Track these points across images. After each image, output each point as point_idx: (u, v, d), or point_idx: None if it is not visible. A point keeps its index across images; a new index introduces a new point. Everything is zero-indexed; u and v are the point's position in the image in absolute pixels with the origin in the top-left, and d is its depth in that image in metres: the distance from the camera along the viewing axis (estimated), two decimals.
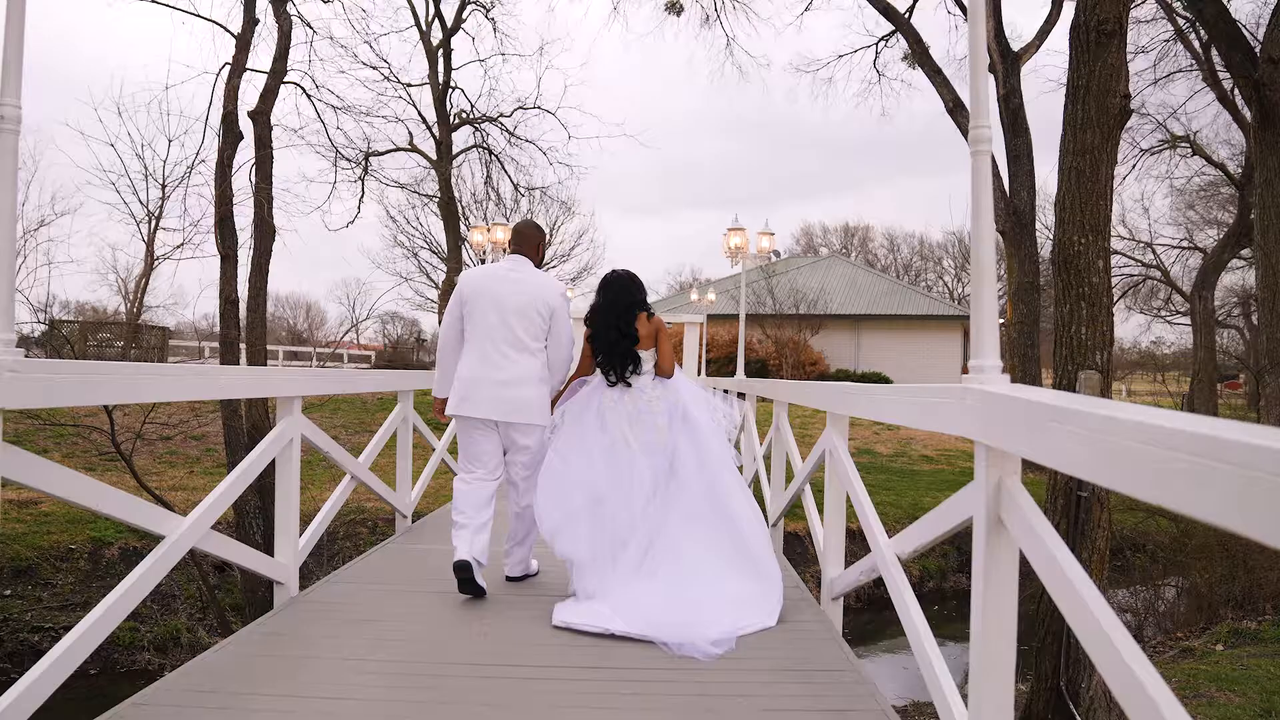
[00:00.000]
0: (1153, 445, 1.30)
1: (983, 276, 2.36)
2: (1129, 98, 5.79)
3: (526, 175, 27.00)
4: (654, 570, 4.14)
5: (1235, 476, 1.09)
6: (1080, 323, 5.32)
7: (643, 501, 4.31)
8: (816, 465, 4.86)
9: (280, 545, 4.37)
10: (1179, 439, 1.22)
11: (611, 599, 3.98)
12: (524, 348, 4.41)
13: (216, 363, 15.19)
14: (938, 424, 2.55)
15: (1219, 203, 35.81)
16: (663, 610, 3.80)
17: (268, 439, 4.21)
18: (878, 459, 19.28)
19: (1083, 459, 1.62)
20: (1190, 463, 1.19)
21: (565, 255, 39.08)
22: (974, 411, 2.26)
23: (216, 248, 9.10)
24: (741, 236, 10.30)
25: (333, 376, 4.94)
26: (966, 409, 2.30)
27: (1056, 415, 1.75)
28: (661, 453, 4.42)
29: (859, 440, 21.59)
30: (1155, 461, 1.28)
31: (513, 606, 4.34)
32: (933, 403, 2.58)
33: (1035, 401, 1.90)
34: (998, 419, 2.12)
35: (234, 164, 9.10)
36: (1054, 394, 2.00)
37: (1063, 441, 1.71)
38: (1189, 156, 31.29)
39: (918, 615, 2.99)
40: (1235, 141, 29.99)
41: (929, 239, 64.32)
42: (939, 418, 2.54)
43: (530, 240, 4.66)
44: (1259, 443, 1.06)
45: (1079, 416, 1.62)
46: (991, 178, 2.34)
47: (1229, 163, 30.93)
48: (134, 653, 9.52)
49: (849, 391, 3.91)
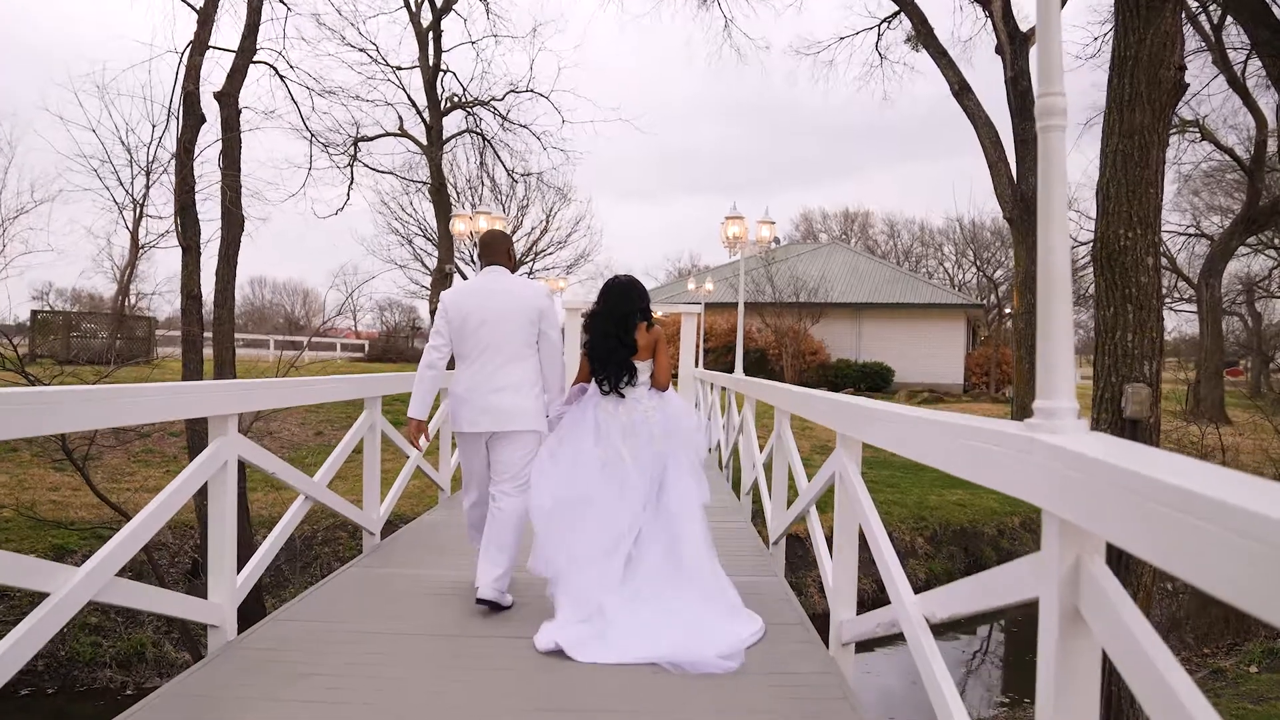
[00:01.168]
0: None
1: (1054, 289, 1.82)
2: (1184, 69, 5.16)
3: (523, 161, 26.42)
4: (639, 585, 4.04)
5: None
6: (1126, 328, 4.70)
7: (631, 515, 4.22)
8: (824, 488, 4.31)
9: (215, 584, 3.83)
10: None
11: (602, 618, 3.85)
12: (514, 356, 4.38)
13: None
14: (989, 478, 2.00)
15: (1225, 189, 35.20)
16: (661, 630, 3.72)
17: (196, 463, 3.66)
18: (880, 452, 18.65)
19: (1243, 580, 1.08)
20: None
21: (562, 242, 38.53)
22: (1043, 472, 1.71)
23: (177, 239, 8.50)
24: (740, 225, 9.73)
25: (279, 387, 4.37)
26: (1032, 466, 1.75)
27: (1184, 503, 1.21)
28: (653, 466, 4.35)
29: None
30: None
31: (485, 653, 3.80)
32: (983, 450, 2.00)
33: (1146, 476, 1.36)
34: (1079, 488, 1.58)
35: (196, 148, 8.52)
36: (1169, 460, 1.45)
37: (1199, 544, 1.17)
38: (1197, 141, 30.67)
39: (952, 698, 2.45)
40: (1244, 126, 29.40)
41: (930, 225, 63.74)
42: (992, 471, 1.97)
43: (499, 248, 4.61)
44: None
45: (1238, 516, 1.08)
46: (1062, 158, 1.80)
47: (1238, 148, 30.31)
48: (95, 670, 8.93)
49: (866, 412, 3.33)
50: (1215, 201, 36.83)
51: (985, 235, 49.76)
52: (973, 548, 13.35)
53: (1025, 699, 10.23)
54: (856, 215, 66.36)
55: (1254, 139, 27.36)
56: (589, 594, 3.96)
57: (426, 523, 6.82)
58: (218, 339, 8.87)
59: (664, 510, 4.28)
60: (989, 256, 49.96)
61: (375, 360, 40.61)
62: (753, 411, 7.87)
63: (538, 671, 3.57)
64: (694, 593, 4.06)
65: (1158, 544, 1.33)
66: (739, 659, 3.63)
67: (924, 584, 12.80)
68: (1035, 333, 8.57)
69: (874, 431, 3.15)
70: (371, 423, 5.82)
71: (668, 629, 3.74)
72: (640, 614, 3.86)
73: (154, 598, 3.48)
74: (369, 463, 5.85)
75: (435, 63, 22.92)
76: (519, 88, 23.68)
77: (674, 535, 4.21)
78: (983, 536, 13.71)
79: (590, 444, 4.34)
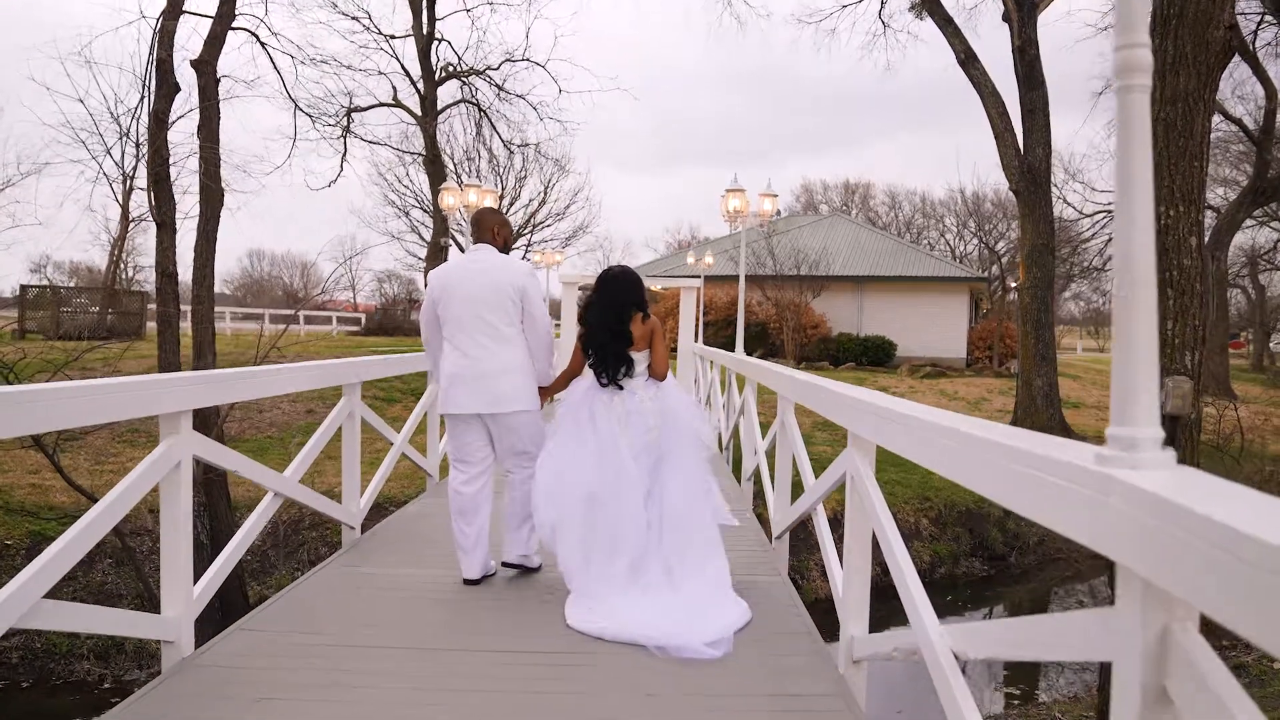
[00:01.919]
0: None
1: (1135, 288, 1.50)
2: (1234, 29, 4.70)
3: (520, 132, 25.96)
4: (647, 577, 4.11)
5: None
6: (1165, 315, 4.29)
7: (634, 507, 4.22)
8: (832, 488, 3.98)
9: (168, 596, 3.51)
10: None
11: (606, 607, 3.94)
12: (500, 336, 4.39)
13: None
14: (1054, 520, 1.64)
15: (1230, 160, 34.61)
16: (661, 623, 3.76)
17: (144, 465, 3.33)
18: None
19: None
20: None
21: (560, 214, 38.10)
22: (1122, 520, 1.37)
23: (151, 214, 8.08)
24: (741, 199, 9.32)
25: (237, 380, 4.01)
26: (1109, 512, 1.41)
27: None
28: (651, 457, 4.35)
29: None
30: None
31: (471, 670, 3.48)
32: (1050, 484, 1.63)
33: (1261, 541, 1.02)
34: (1167, 544, 1.24)
35: (178, 120, 8.12)
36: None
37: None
38: None
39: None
40: (1253, 96, 28.85)
41: (931, 196, 63.26)
42: (1058, 511, 1.60)
43: (488, 226, 4.61)
44: None
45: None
46: (1146, 126, 1.44)
47: (1246, 118, 29.77)
48: (72, 662, 8.60)
49: (884, 411, 2.97)
50: (1220, 173, 36.25)
51: (987, 207, 49.32)
52: (978, 529, 13.07)
53: (1034, 690, 9.99)
54: (857, 186, 65.87)
55: (1263, 109, 26.83)
56: (598, 592, 4.05)
57: (411, 513, 6.48)
58: (196, 318, 8.46)
59: (666, 505, 4.28)
60: (990, 228, 49.51)
61: (372, 334, 40.21)
62: (754, 394, 7.53)
63: (529, 693, 3.25)
64: (695, 586, 4.08)
65: (1273, 628, 1.01)
66: (726, 646, 3.65)
67: (929, 566, 12.54)
68: (1040, 308, 8.18)
69: (896, 436, 2.80)
70: (350, 410, 5.48)
71: (665, 617, 3.81)
72: (644, 609, 3.91)
73: (92, 618, 3.16)
74: (348, 453, 5.51)
75: (429, 31, 22.39)
76: (515, 57, 23.21)
77: (676, 531, 4.22)
78: (989, 518, 13.41)
79: (589, 437, 4.35)
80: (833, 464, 3.85)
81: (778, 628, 4.01)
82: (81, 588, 9.20)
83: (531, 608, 4.24)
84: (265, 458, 13.20)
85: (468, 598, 4.41)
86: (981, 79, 19.21)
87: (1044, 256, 18.75)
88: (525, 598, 4.40)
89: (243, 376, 4.05)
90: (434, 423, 7.52)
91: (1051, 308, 19.43)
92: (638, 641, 3.67)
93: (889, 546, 3.02)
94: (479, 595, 4.45)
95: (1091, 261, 38.01)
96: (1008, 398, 22.82)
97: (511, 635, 3.84)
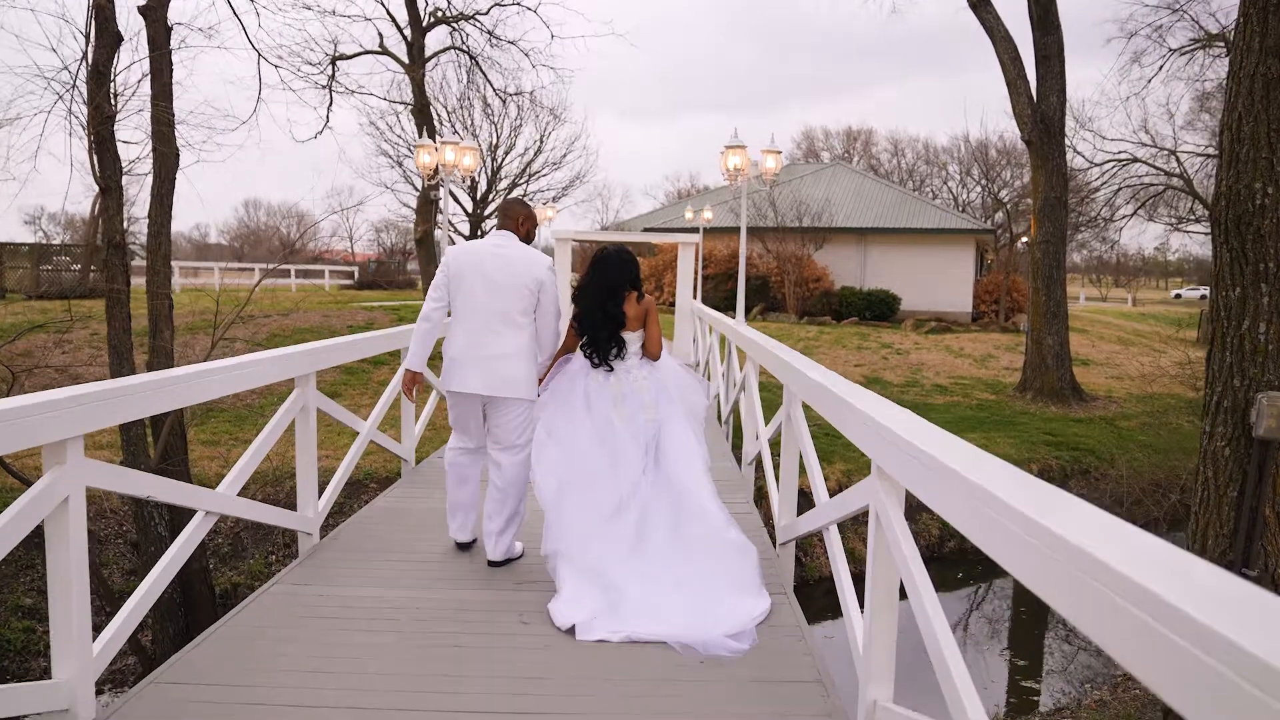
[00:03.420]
0: None
1: None
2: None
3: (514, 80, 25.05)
4: (648, 559, 4.02)
5: None
6: (1258, 315, 3.56)
7: (630, 485, 4.20)
8: (850, 515, 3.40)
9: (59, 657, 2.94)
10: None
11: (615, 590, 3.86)
12: (512, 323, 4.43)
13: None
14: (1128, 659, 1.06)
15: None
16: (672, 607, 3.75)
17: (20, 503, 2.73)
18: (888, 390, 17.87)
19: None
20: None
21: (557, 163, 37.19)
22: None
23: (94, 178, 7.34)
24: (742, 155, 8.60)
25: (158, 387, 3.41)
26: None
27: None
28: (646, 434, 4.33)
29: (866, 367, 20.20)
30: None
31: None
32: None
33: None
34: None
35: (112, 71, 7.30)
36: None
37: None
38: (1223, 56, 29.08)
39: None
40: None
41: (934, 143, 62.16)
42: None
43: (514, 216, 4.66)
44: None
45: None
46: None
47: None
48: (27, 659, 8.03)
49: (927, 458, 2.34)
50: None
51: (992, 154, 48.31)
52: None
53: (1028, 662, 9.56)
54: (859, 133, 64.80)
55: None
56: (599, 567, 3.96)
57: (381, 509, 5.85)
58: (152, 290, 7.78)
59: (664, 476, 4.25)
60: (994, 175, 48.59)
61: (365, 288, 39.51)
62: (756, 372, 6.93)
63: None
64: (703, 559, 4.02)
65: None
66: (749, 639, 3.62)
67: (937, 540, 12.06)
68: (1053, 264, 7.25)
69: (942, 497, 2.19)
70: (304, 404, 4.86)
71: (679, 606, 3.75)
72: (649, 588, 3.86)
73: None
74: (302, 450, 4.91)
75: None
76: (505, 1, 22.20)
77: (678, 502, 4.18)
78: None
79: (583, 417, 4.36)
80: (852, 489, 3.27)
81: (781, 672, 3.45)
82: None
83: (521, 643, 3.68)
84: (244, 429, 12.67)
85: (441, 628, 3.84)
86: (994, 23, 18.34)
87: (1057, 211, 18.03)
88: (515, 633, 3.85)
89: (157, 385, 3.43)
90: (407, 404, 6.92)
91: (1063, 264, 18.74)
92: (654, 639, 3.60)
93: (923, 611, 2.46)
94: (457, 623, 3.89)
95: (1099, 212, 37.21)
96: (1014, 354, 22.26)
97: (501, 682, 3.28)
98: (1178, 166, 35.21)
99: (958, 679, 2.22)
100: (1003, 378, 19.88)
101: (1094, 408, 17.49)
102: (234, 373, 4.08)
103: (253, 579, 9.05)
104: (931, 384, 18.89)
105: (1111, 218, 37.10)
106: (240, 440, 11.83)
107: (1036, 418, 16.30)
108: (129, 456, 7.58)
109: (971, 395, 17.97)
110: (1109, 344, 27.19)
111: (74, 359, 14.96)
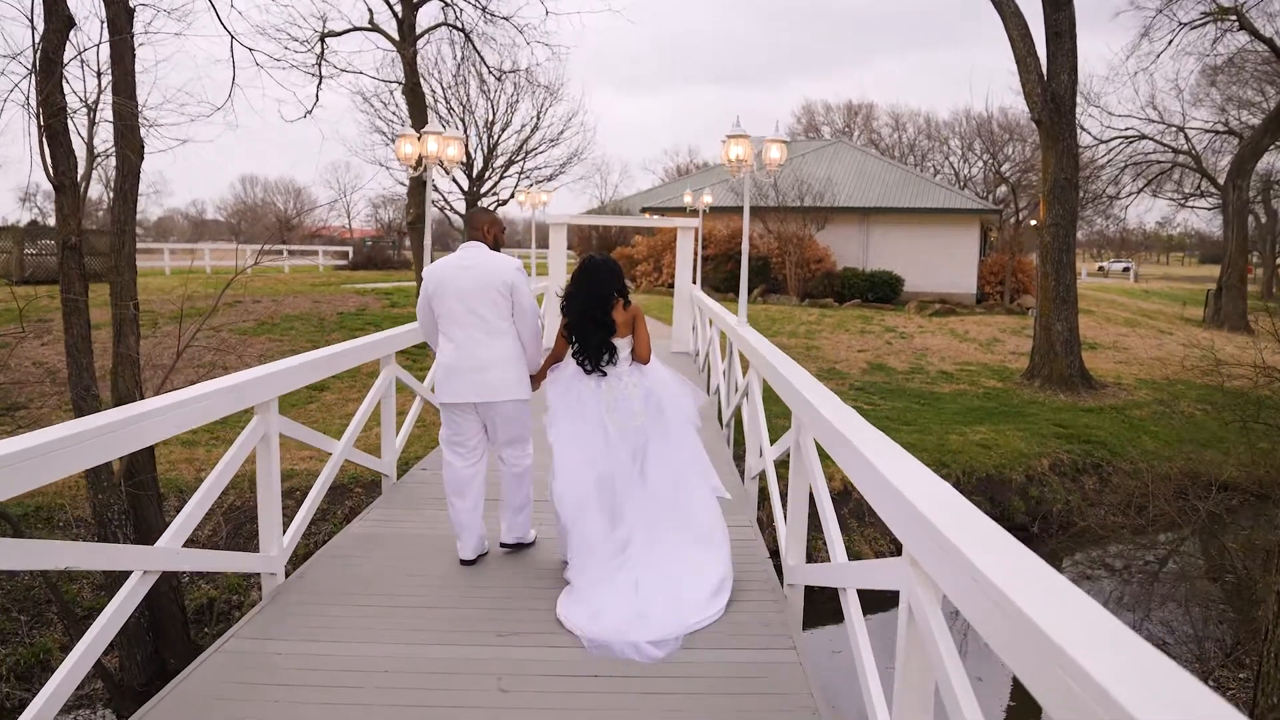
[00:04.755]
0: None
1: None
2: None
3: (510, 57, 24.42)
4: (632, 563, 4.21)
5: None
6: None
7: (624, 489, 4.39)
8: (875, 587, 2.96)
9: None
10: None
11: (598, 594, 4.05)
12: (493, 330, 4.60)
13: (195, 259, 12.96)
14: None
15: (1255, 81, 32.88)
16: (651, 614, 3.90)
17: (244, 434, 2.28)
18: (893, 377, 17.43)
19: None
20: None
21: (554, 140, 36.52)
22: None
23: (46, 175, 6.80)
24: (744, 145, 8.10)
25: (72, 443, 2.95)
26: None
27: None
28: (637, 439, 4.48)
29: (869, 353, 19.75)
30: None
31: None
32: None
33: None
34: None
35: (64, 58, 6.74)
36: None
37: None
38: (1234, 30, 28.46)
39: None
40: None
41: (936, 118, 61.42)
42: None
43: (479, 226, 4.83)
44: None
45: None
46: None
47: (1277, 38, 28.13)
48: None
49: (966, 565, 1.91)
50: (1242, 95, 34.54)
51: (994, 129, 47.63)
52: (1000, 497, 12.11)
53: None
54: (860, 108, 64.03)
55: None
56: (593, 576, 4.17)
57: (356, 536, 5.32)
58: (115, 294, 7.29)
59: (652, 488, 4.40)
60: (997, 150, 47.94)
61: (359, 268, 38.94)
62: (760, 381, 6.47)
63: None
64: (681, 566, 4.22)
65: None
66: (674, 645, 3.77)
67: None
68: (1062, 247, 6.68)
69: (997, 630, 1.75)
70: (264, 432, 4.39)
71: (656, 608, 3.92)
72: (630, 599, 3.99)
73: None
74: (264, 487, 4.43)
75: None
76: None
77: (665, 513, 4.36)
78: (1010, 484, 12.46)
79: (579, 425, 4.49)
80: (879, 565, 2.85)
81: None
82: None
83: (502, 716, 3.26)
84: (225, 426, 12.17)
85: (409, 698, 3.41)
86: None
87: (1067, 192, 17.52)
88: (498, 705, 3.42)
89: (79, 439, 2.96)
90: (388, 415, 6.45)
91: (1073, 247, 18.27)
92: (627, 640, 3.73)
93: (955, 702, 2.04)
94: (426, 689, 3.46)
95: (1104, 190, 36.62)
96: (1020, 338, 21.81)
97: None
98: (1186, 143, 34.66)
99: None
100: (1009, 363, 19.42)
101: (1104, 396, 17.05)
102: (180, 411, 3.59)
103: (230, 591, 8.61)
104: (937, 370, 18.44)
105: (1118, 195, 36.54)
106: (221, 440, 11.32)
107: (1046, 407, 15.86)
108: (91, 473, 7.12)
109: (978, 383, 17.51)
110: (1116, 325, 26.72)
111: (55, 350, 14.49)
